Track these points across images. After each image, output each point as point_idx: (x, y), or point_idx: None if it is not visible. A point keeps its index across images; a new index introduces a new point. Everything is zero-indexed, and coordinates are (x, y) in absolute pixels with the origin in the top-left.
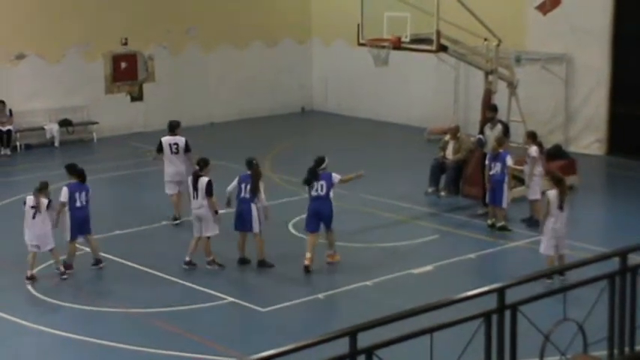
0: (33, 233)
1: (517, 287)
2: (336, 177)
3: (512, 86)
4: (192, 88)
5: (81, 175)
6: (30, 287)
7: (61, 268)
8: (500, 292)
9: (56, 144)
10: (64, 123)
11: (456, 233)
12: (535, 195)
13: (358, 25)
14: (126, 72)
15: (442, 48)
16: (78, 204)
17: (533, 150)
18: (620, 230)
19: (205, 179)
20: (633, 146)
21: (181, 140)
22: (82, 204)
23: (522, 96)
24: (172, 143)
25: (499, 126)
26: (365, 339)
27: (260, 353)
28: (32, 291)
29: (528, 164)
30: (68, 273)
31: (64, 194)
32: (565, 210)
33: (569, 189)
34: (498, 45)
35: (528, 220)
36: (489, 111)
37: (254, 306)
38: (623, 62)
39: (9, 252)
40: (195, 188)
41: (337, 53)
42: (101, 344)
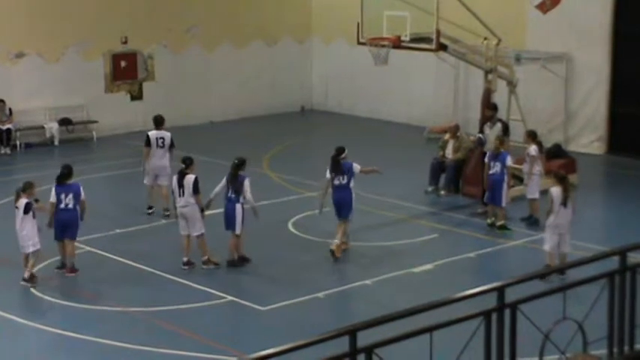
0: (18, 233)
1: (516, 286)
2: (357, 167)
3: (511, 85)
4: (192, 87)
5: (63, 176)
6: (30, 286)
7: (26, 275)
8: (499, 291)
9: (56, 143)
10: (64, 122)
11: (456, 232)
12: (534, 194)
13: (358, 24)
14: (126, 71)
15: (442, 47)
16: (62, 205)
17: (532, 149)
18: (619, 229)
19: (192, 177)
20: (633, 145)
21: (167, 135)
22: (67, 206)
23: (522, 95)
24: (159, 137)
25: (499, 125)
26: (365, 338)
27: (260, 352)
28: (32, 290)
29: (527, 163)
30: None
31: (52, 195)
32: (569, 207)
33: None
34: (498, 44)
35: (528, 219)
36: (489, 110)
37: (254, 305)
38: (623, 61)
39: (9, 251)
40: (181, 186)
41: (337, 52)
42: (101, 343)
